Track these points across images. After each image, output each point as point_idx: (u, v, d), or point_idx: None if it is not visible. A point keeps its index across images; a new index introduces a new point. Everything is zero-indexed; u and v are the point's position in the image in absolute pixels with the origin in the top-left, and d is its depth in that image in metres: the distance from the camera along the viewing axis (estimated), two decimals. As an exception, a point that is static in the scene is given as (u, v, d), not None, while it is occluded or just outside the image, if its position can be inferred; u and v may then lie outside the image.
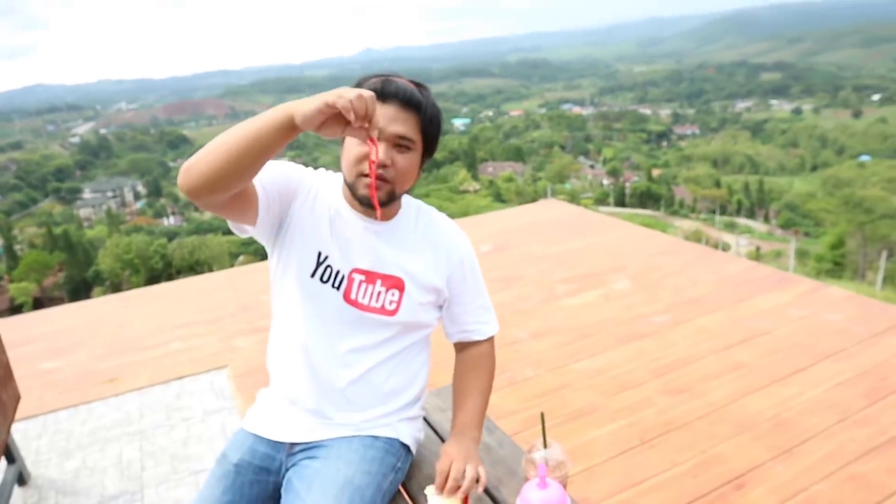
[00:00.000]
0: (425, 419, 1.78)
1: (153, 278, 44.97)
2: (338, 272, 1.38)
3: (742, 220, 57.32)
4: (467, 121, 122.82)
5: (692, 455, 2.46)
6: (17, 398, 2.55)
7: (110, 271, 44.69)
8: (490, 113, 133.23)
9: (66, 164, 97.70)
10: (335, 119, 1.09)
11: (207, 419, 3.03)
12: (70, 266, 47.98)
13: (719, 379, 3.00)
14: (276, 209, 1.35)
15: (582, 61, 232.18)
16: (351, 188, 1.33)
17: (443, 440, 1.67)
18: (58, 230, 53.42)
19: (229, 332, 4.01)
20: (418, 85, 1.34)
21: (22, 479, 2.63)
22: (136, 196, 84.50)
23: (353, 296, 1.38)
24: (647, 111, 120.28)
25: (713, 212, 58.56)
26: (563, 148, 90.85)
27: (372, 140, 1.16)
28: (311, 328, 1.40)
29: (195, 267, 45.41)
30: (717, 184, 64.87)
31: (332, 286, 1.38)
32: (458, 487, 1.30)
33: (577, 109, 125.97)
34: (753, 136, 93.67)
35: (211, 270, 44.61)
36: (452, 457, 1.35)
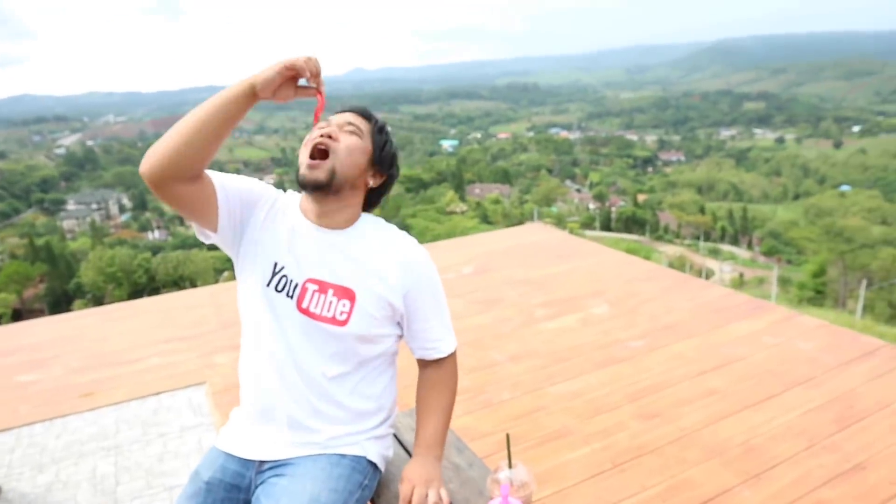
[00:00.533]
0: (396, 437, 1.81)
1: (136, 292, 44.47)
2: (292, 281, 1.43)
3: (726, 247, 57.87)
4: (455, 142, 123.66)
5: (662, 479, 2.49)
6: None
7: (92, 284, 44.17)
8: (478, 135, 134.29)
9: (51, 175, 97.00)
10: (287, 83, 1.30)
11: (184, 435, 3.03)
12: (51, 278, 47.40)
13: (692, 404, 3.05)
14: (238, 216, 1.43)
15: (570, 86, 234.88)
16: (298, 173, 1.40)
17: (414, 459, 1.70)
18: (40, 241, 52.89)
19: (209, 348, 4.01)
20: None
21: (-7, 494, 2.62)
22: (122, 209, 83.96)
23: (304, 304, 1.42)
24: (633, 137, 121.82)
25: (697, 238, 59.11)
26: (550, 171, 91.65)
27: (319, 92, 1.33)
28: (272, 336, 1.44)
29: (179, 282, 45.00)
30: (702, 210, 65.63)
31: (287, 295, 1.43)
32: None
33: (564, 133, 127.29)
34: (737, 163, 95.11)
35: (194, 286, 44.30)
36: (414, 481, 1.39)
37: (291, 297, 1.42)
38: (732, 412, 2.97)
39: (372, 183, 1.47)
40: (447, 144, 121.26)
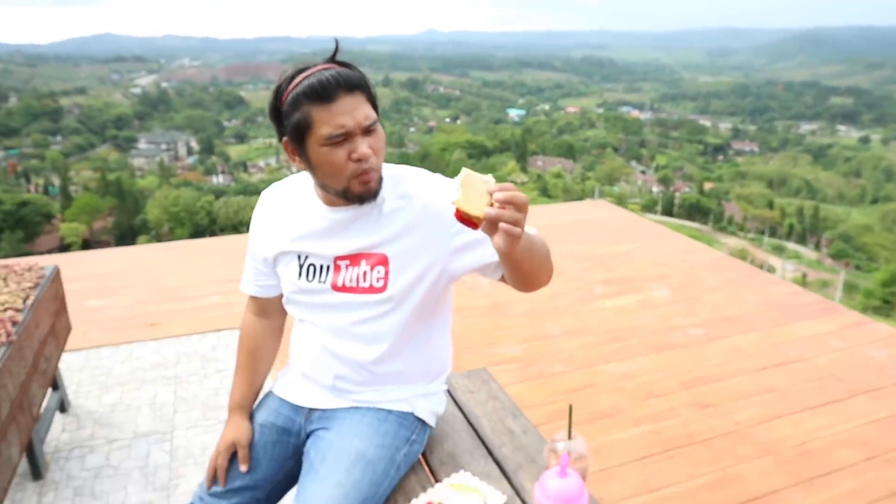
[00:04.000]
0: (452, 397, 1.81)
1: (197, 233, 46.12)
2: (321, 266, 1.41)
3: (791, 245, 55.81)
4: (522, 112, 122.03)
5: (711, 470, 2.44)
6: (69, 329, 2.68)
7: (156, 221, 45.94)
8: (546, 107, 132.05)
9: (126, 114, 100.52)
10: None
11: (240, 373, 3.12)
12: (119, 212, 49.49)
13: (748, 399, 2.97)
14: (271, 263, 1.51)
15: (647, 65, 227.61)
16: (345, 193, 1.30)
17: (469, 420, 1.70)
18: (111, 176, 55.14)
19: (268, 292, 4.10)
20: (336, 62, 1.27)
21: (63, 407, 2.76)
22: (189, 151, 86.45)
23: (340, 283, 1.39)
24: (706, 122, 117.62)
25: (762, 233, 57.14)
26: (616, 150, 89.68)
27: None
28: (315, 326, 1.46)
29: (238, 227, 46.34)
30: (770, 205, 63.23)
31: (319, 281, 1.41)
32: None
33: (635, 113, 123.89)
34: (815, 160, 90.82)
35: (254, 232, 45.41)
36: None
37: (324, 281, 1.41)
38: (790, 412, 2.87)
39: None
40: (514, 113, 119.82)
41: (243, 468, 1.43)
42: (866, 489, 2.38)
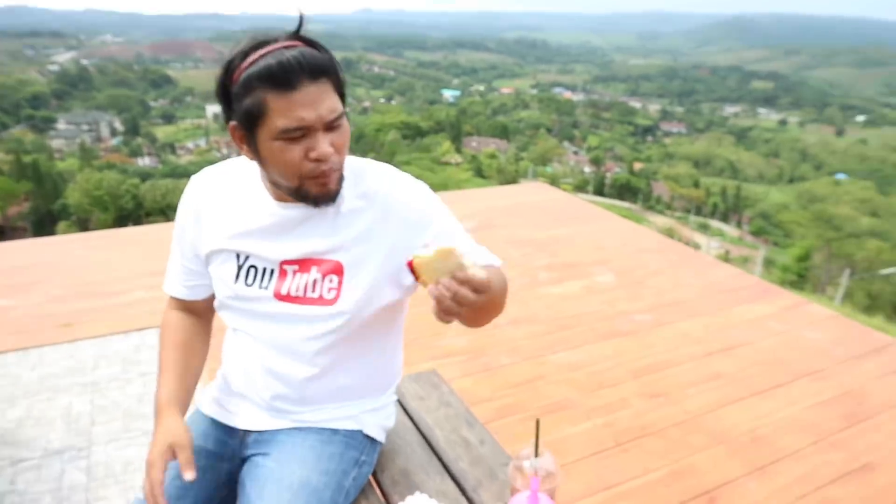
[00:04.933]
0: (402, 405, 1.67)
1: (122, 218, 44.17)
2: (264, 269, 1.21)
3: (715, 223, 58.09)
4: (457, 93, 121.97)
5: (666, 463, 2.39)
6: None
7: (78, 206, 43.67)
8: (481, 88, 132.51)
9: (43, 92, 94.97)
10: None
11: (166, 376, 2.88)
12: (36, 197, 46.76)
13: (697, 387, 2.94)
14: (203, 260, 1.29)
15: (579, 47, 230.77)
16: (298, 192, 1.11)
17: (421, 430, 1.56)
18: (27, 158, 51.93)
19: (197, 285, 3.84)
20: (301, 39, 1.06)
21: (-40, 423, 2.47)
22: (113, 132, 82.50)
23: (284, 291, 1.20)
24: (636, 104, 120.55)
25: (688, 211, 59.23)
26: (549, 131, 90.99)
27: None
28: (251, 338, 1.27)
29: (166, 211, 44.65)
30: (696, 184, 65.66)
31: (260, 287, 1.21)
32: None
33: (567, 94, 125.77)
34: (738, 141, 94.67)
35: (183, 216, 43.87)
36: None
37: (266, 287, 1.21)
38: (738, 398, 2.86)
39: None
40: (448, 94, 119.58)
41: (188, 476, 1.13)
42: (815, 474, 2.37)
